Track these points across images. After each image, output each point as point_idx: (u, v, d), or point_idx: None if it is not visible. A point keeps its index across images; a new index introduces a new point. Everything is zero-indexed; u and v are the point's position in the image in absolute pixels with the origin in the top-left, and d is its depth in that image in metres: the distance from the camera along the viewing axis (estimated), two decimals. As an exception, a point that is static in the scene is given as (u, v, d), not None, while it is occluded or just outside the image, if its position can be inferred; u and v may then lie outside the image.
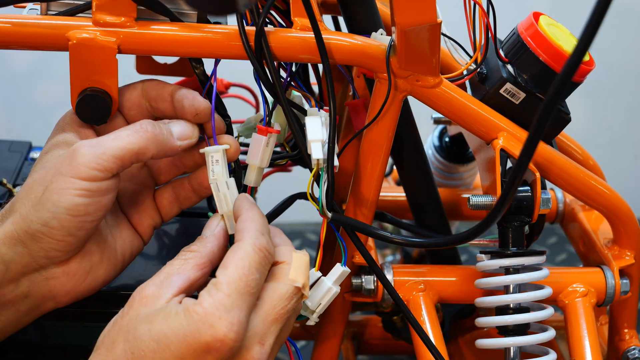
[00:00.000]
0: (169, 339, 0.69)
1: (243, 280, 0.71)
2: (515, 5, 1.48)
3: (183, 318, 0.69)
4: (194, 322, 0.69)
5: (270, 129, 0.81)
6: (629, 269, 0.96)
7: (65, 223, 0.74)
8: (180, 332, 0.69)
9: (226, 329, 0.69)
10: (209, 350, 0.69)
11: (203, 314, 0.69)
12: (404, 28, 0.79)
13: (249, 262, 0.72)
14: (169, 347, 0.69)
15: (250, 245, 0.73)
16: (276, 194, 0.97)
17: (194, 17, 0.81)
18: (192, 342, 0.69)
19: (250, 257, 0.73)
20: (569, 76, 0.65)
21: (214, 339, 0.69)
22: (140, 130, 0.76)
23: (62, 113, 0.81)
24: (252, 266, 0.72)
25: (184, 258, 0.75)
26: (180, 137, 0.79)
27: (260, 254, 0.73)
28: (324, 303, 0.82)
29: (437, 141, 1.20)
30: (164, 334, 0.69)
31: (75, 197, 0.74)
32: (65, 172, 0.74)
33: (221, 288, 0.70)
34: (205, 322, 0.69)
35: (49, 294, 0.77)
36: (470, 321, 1.09)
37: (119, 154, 0.75)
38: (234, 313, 0.70)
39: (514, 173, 0.73)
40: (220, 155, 0.80)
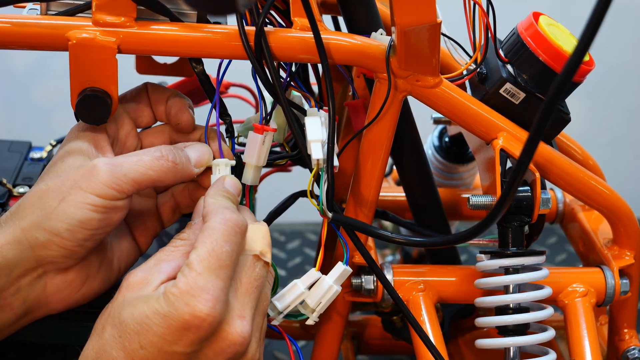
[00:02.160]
0: (150, 320, 0.70)
1: (213, 255, 0.72)
2: (515, 5, 1.48)
3: (162, 300, 0.71)
4: (171, 302, 0.70)
5: (266, 127, 0.82)
6: (629, 269, 0.96)
7: (77, 235, 0.75)
8: (160, 313, 0.70)
9: (202, 305, 0.70)
10: (189, 328, 0.70)
11: (179, 293, 0.70)
12: (403, 28, 0.79)
13: (216, 237, 0.73)
14: (151, 328, 0.70)
15: (216, 221, 0.74)
16: (276, 194, 0.97)
17: (193, 17, 0.81)
18: (171, 321, 0.70)
19: (217, 232, 0.73)
20: (569, 76, 0.65)
21: (192, 316, 0.70)
22: (162, 159, 0.78)
23: (62, 113, 0.82)
24: (220, 240, 0.73)
25: (174, 246, 0.76)
26: (197, 164, 0.81)
27: (226, 226, 0.73)
28: (324, 302, 0.82)
29: (437, 141, 1.20)
30: (146, 316, 0.71)
31: (90, 212, 0.75)
32: (84, 187, 0.75)
33: (193, 267, 0.71)
34: (182, 301, 0.70)
35: (44, 299, 0.78)
36: (470, 321, 1.09)
37: (138, 178, 0.76)
38: (208, 289, 0.71)
39: (514, 173, 0.73)
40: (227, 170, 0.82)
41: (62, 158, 0.79)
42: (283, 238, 1.70)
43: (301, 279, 0.82)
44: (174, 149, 0.79)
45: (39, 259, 0.76)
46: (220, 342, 0.72)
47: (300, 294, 0.81)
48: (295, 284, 0.82)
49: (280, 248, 1.68)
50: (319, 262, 0.82)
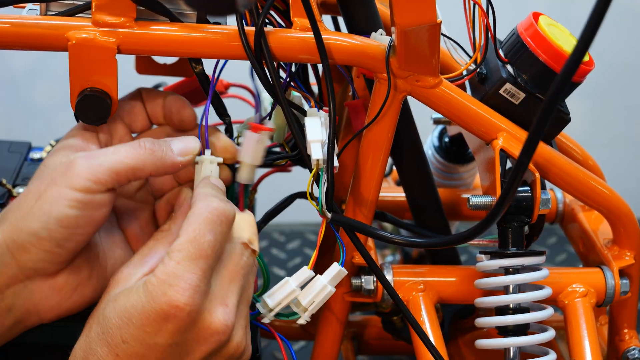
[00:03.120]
0: (130, 313, 0.70)
1: (194, 244, 0.71)
2: (515, 5, 1.48)
3: (141, 291, 0.71)
4: (149, 292, 0.70)
5: (262, 126, 0.81)
6: (629, 269, 0.96)
7: (55, 234, 0.73)
8: (138, 305, 0.70)
9: (179, 294, 0.70)
10: (167, 318, 0.70)
11: (157, 283, 0.70)
12: (403, 28, 0.79)
13: (199, 226, 0.72)
14: (130, 321, 0.70)
15: (201, 208, 0.73)
16: (276, 194, 0.97)
17: (193, 17, 0.81)
18: (149, 312, 0.70)
19: (201, 220, 0.72)
20: (569, 76, 0.65)
21: (169, 305, 0.70)
22: (139, 147, 0.76)
23: (62, 113, 0.81)
24: (203, 229, 0.72)
25: (155, 239, 0.76)
26: (182, 152, 0.78)
27: (211, 215, 0.73)
28: (317, 302, 0.82)
29: (436, 141, 1.20)
30: (126, 309, 0.71)
31: (66, 207, 0.73)
32: (59, 182, 0.73)
33: (173, 256, 0.71)
34: (159, 291, 0.70)
35: (33, 308, 0.76)
36: (470, 321, 1.09)
37: (115, 167, 0.74)
38: (186, 278, 0.70)
39: (514, 173, 0.73)
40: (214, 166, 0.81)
41: (52, 154, 0.79)
42: (283, 238, 1.70)
43: (293, 276, 0.82)
44: (154, 139, 0.78)
45: (20, 264, 0.74)
46: (203, 332, 0.72)
47: (291, 291, 0.81)
48: (287, 281, 0.81)
49: (280, 248, 1.68)
50: (312, 261, 0.82)
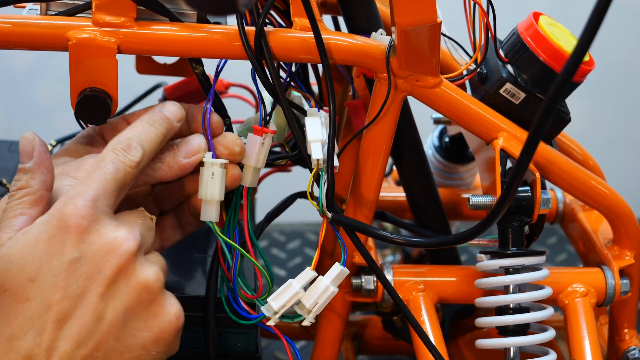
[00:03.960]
0: (31, 245, 0.69)
1: (95, 167, 0.72)
2: (515, 5, 1.48)
3: (40, 221, 0.70)
4: (52, 210, 0.70)
5: (266, 129, 0.81)
6: (629, 269, 0.96)
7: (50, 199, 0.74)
8: (36, 229, 0.69)
9: (79, 204, 0.69)
10: (68, 226, 0.69)
11: (57, 203, 0.70)
12: (404, 28, 0.79)
13: (104, 159, 0.73)
14: (35, 250, 0.69)
15: (109, 147, 0.74)
16: (276, 194, 0.97)
17: (193, 17, 0.81)
18: (51, 231, 0.69)
19: (107, 155, 0.73)
20: (569, 76, 0.65)
21: (73, 208, 0.69)
22: None
23: (62, 113, 0.82)
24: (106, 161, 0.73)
25: (17, 198, 0.72)
26: (187, 154, 0.79)
27: (115, 152, 0.74)
28: (320, 303, 0.82)
29: (437, 141, 1.20)
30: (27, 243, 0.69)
31: None
32: (70, 174, 0.75)
33: (76, 179, 0.72)
34: (61, 203, 0.70)
35: None
36: (470, 321, 1.09)
37: None
38: (83, 193, 0.70)
39: (514, 173, 0.73)
40: (217, 169, 0.80)
41: (57, 156, 0.80)
42: (283, 238, 1.70)
43: (296, 278, 0.82)
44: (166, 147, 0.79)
45: None
46: (105, 245, 0.70)
47: (295, 293, 0.81)
48: (291, 283, 0.81)
49: (281, 248, 1.68)
50: (314, 262, 0.82)
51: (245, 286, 0.83)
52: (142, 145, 0.75)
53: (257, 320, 0.83)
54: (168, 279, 0.87)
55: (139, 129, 0.76)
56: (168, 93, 1.00)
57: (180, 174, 0.80)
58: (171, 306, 0.73)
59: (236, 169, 0.81)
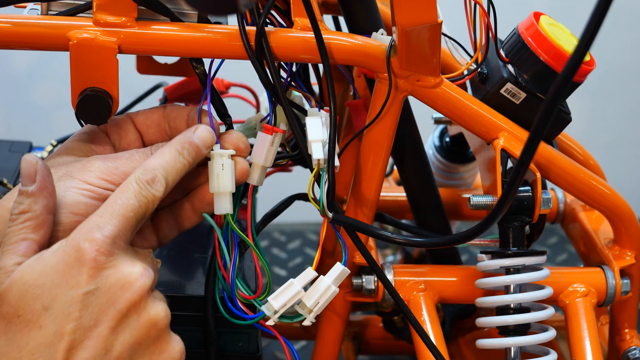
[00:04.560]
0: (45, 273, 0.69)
1: (118, 203, 0.72)
2: (515, 5, 1.48)
3: (56, 249, 0.70)
4: (69, 239, 0.70)
5: (276, 128, 0.82)
6: (630, 269, 0.96)
7: (63, 219, 0.74)
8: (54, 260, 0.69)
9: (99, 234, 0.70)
10: (84, 259, 0.69)
11: (75, 232, 0.70)
12: (404, 28, 0.79)
13: (127, 192, 0.73)
14: (48, 277, 0.69)
15: (133, 177, 0.74)
16: (276, 194, 0.97)
17: (194, 17, 0.81)
18: (68, 261, 0.69)
19: (130, 187, 0.73)
20: (570, 76, 0.65)
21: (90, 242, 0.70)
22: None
23: (62, 113, 0.82)
24: (130, 194, 0.73)
25: (19, 222, 0.72)
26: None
27: (139, 185, 0.74)
28: (322, 302, 0.82)
29: (437, 141, 1.20)
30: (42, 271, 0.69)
31: (79, 195, 0.75)
32: (75, 176, 0.76)
33: (97, 212, 0.72)
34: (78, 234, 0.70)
35: None
36: (470, 321, 1.09)
37: (130, 172, 0.76)
38: (104, 229, 0.70)
39: (515, 173, 0.73)
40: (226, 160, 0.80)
41: (60, 154, 0.80)
42: (284, 238, 1.70)
43: (297, 277, 0.81)
44: (164, 144, 0.79)
45: None
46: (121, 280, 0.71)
47: (296, 292, 0.81)
48: (292, 282, 0.81)
49: (281, 248, 1.68)
50: (315, 262, 0.82)
51: (243, 286, 0.83)
52: (167, 178, 0.76)
53: (255, 320, 0.82)
54: (168, 279, 0.87)
55: (167, 158, 0.76)
56: (169, 93, 1.00)
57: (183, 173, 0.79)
58: (176, 343, 0.74)
59: (245, 162, 0.81)
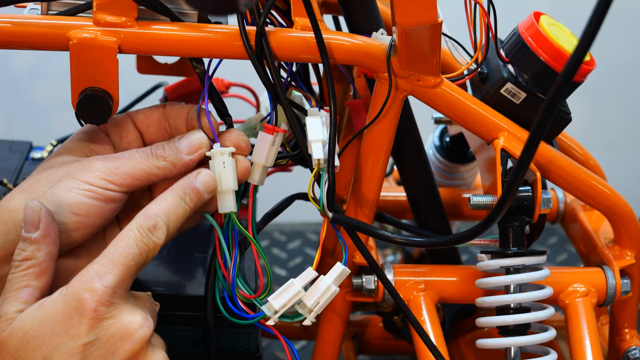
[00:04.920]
0: (45, 323, 0.69)
1: (119, 251, 0.72)
2: (515, 5, 1.48)
3: (56, 297, 0.70)
4: (69, 288, 0.70)
5: (277, 128, 0.82)
6: (630, 269, 0.96)
7: (64, 219, 0.75)
8: (54, 310, 0.70)
9: (99, 284, 0.70)
10: (84, 310, 0.69)
11: (75, 281, 0.71)
12: (404, 28, 0.79)
13: (128, 240, 0.73)
14: (48, 328, 0.69)
15: (134, 223, 0.74)
16: (276, 194, 0.97)
17: (194, 17, 0.81)
18: (68, 311, 0.70)
19: (130, 235, 0.73)
20: (570, 76, 0.65)
21: (90, 293, 0.70)
22: (152, 155, 0.78)
23: (62, 113, 0.82)
24: (131, 242, 0.73)
25: (22, 269, 0.73)
26: (189, 150, 0.80)
27: (141, 232, 0.73)
28: (322, 302, 0.82)
29: (437, 141, 1.20)
30: (43, 321, 0.70)
31: (80, 195, 0.75)
32: (76, 176, 0.76)
33: (97, 260, 0.71)
34: (78, 283, 0.70)
35: None
36: (470, 321, 1.09)
37: (131, 172, 0.77)
38: (104, 278, 0.70)
39: (515, 173, 0.73)
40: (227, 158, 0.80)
41: (60, 154, 0.80)
42: (284, 238, 1.70)
43: (298, 277, 0.82)
44: (164, 144, 0.80)
45: None
46: (122, 330, 0.71)
47: (297, 292, 0.81)
48: (292, 282, 0.81)
49: (281, 248, 1.68)
50: (316, 261, 0.82)
51: (244, 285, 0.83)
52: (168, 225, 0.75)
53: (255, 320, 0.82)
54: (168, 279, 0.87)
55: (169, 204, 0.76)
56: (169, 93, 1.00)
57: (184, 171, 0.80)
58: None
59: (246, 160, 0.81)
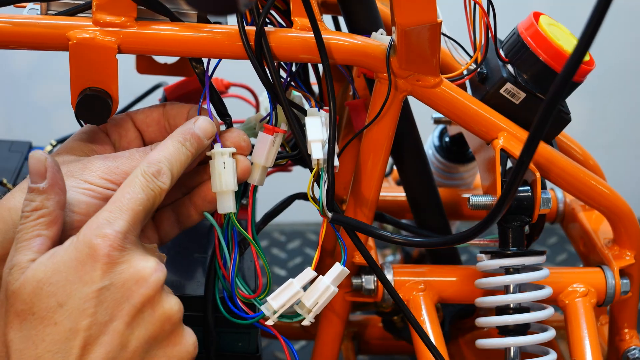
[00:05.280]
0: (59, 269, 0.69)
1: (127, 197, 0.72)
2: (515, 5, 1.48)
3: (68, 245, 0.70)
4: (80, 236, 0.70)
5: (277, 128, 0.82)
6: (629, 268, 0.96)
7: (64, 218, 0.74)
8: (67, 257, 0.70)
9: (109, 229, 0.70)
10: (96, 254, 0.70)
11: (85, 227, 0.71)
12: (404, 28, 0.79)
13: (134, 185, 0.73)
14: (62, 275, 0.69)
15: (139, 170, 0.74)
16: (276, 194, 0.97)
17: (194, 17, 0.81)
18: (80, 257, 0.70)
19: (136, 181, 0.74)
20: (570, 76, 0.65)
21: (102, 238, 0.70)
22: None
23: (62, 113, 0.82)
24: (138, 188, 0.73)
25: (33, 219, 0.72)
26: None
27: (146, 177, 0.74)
28: (321, 302, 0.82)
29: (437, 141, 1.20)
30: (55, 268, 0.70)
31: (80, 194, 0.75)
32: (76, 175, 0.76)
33: (106, 207, 0.72)
34: (89, 229, 0.70)
35: None
36: (470, 321, 1.09)
37: (131, 171, 0.76)
38: (115, 224, 0.71)
39: (515, 173, 0.73)
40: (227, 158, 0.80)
41: (60, 153, 0.80)
42: (283, 238, 1.70)
43: (297, 277, 0.81)
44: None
45: None
46: (134, 274, 0.71)
47: (295, 292, 0.81)
48: (291, 282, 0.81)
49: (281, 248, 1.68)
50: (314, 262, 0.82)
51: (243, 285, 0.83)
52: (172, 169, 0.76)
53: (255, 320, 0.82)
54: (168, 279, 0.87)
55: (170, 150, 0.77)
56: (168, 93, 1.00)
57: (186, 170, 0.79)
58: (189, 336, 0.75)
59: (246, 160, 0.82)
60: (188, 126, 0.79)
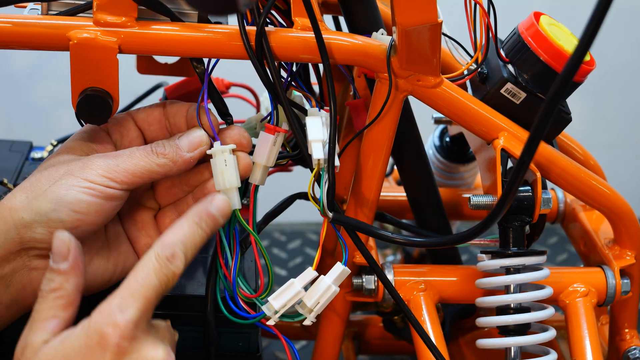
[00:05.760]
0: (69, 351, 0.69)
1: (140, 284, 0.71)
2: (515, 5, 1.48)
3: (79, 331, 0.70)
4: (91, 322, 0.70)
5: (278, 128, 0.82)
6: (630, 268, 0.96)
7: (65, 217, 0.75)
8: (77, 340, 0.69)
9: (121, 318, 0.70)
10: (106, 343, 0.69)
11: (97, 313, 0.70)
12: (405, 28, 0.79)
13: (148, 271, 0.72)
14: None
15: (152, 253, 0.73)
16: (276, 194, 0.97)
17: (194, 17, 0.81)
18: (89, 344, 0.69)
19: (150, 266, 0.72)
20: (570, 76, 0.65)
21: (113, 327, 0.69)
22: (152, 153, 0.78)
23: (62, 113, 0.82)
24: (151, 274, 0.72)
25: (50, 300, 0.73)
26: (190, 148, 0.80)
27: (159, 262, 0.73)
28: (322, 302, 0.82)
29: (437, 141, 1.20)
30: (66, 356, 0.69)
31: (80, 193, 0.75)
32: (76, 174, 0.76)
33: (117, 294, 0.71)
34: (101, 316, 0.70)
35: (29, 285, 0.77)
36: (471, 321, 1.09)
37: (131, 169, 0.77)
38: (126, 312, 0.70)
39: (515, 173, 0.73)
40: (228, 155, 0.80)
41: (61, 153, 0.80)
42: (284, 238, 1.70)
43: (298, 277, 0.82)
44: (165, 142, 0.80)
45: (23, 241, 0.75)
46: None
47: (297, 292, 0.81)
48: (292, 282, 0.81)
49: (281, 248, 1.68)
50: (316, 261, 0.82)
51: (245, 285, 0.83)
52: (186, 252, 0.74)
53: (256, 319, 0.82)
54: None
55: (185, 231, 0.75)
56: (169, 93, 1.00)
57: (184, 169, 0.80)
58: None
59: (247, 157, 0.81)
60: (204, 205, 0.77)
